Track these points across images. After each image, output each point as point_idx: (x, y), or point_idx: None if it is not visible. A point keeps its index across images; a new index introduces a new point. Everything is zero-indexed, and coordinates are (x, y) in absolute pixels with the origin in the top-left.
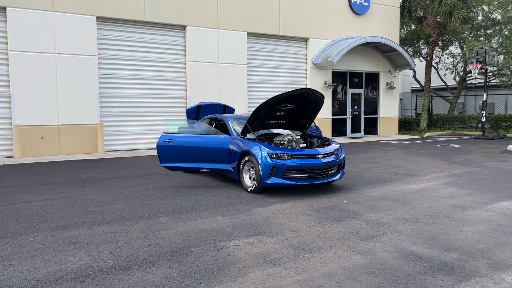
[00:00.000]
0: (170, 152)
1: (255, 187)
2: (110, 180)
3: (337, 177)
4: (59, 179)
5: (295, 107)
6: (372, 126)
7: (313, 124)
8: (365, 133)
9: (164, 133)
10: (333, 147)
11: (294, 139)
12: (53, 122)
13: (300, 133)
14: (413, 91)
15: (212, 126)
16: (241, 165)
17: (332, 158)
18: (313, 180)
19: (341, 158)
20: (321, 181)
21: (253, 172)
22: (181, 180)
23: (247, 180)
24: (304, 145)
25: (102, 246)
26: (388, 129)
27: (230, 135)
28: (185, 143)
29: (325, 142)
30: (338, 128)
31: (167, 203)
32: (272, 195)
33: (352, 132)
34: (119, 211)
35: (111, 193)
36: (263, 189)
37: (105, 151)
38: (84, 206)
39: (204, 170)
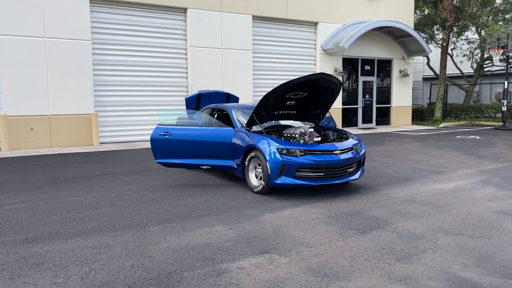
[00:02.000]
0: (165, 147)
1: (263, 187)
2: (100, 177)
3: (357, 175)
4: (43, 175)
5: (307, 95)
6: (383, 116)
7: (327, 115)
8: (377, 124)
9: (158, 125)
10: (351, 141)
11: (307, 132)
12: (43, 112)
13: (313, 125)
14: (425, 79)
15: (213, 117)
16: (246, 162)
17: (351, 154)
18: (330, 180)
19: (361, 154)
20: (339, 181)
21: (260, 170)
22: (179, 177)
23: (253, 179)
24: (319, 139)
25: (73, 268)
26: (401, 119)
27: (233, 127)
28: (183, 136)
29: (342, 136)
30: (348, 118)
31: (160, 207)
32: (282, 197)
33: (363, 122)
34: (103, 217)
35: (98, 194)
36: (272, 190)
37: (100, 143)
38: (64, 211)
39: (205, 167)
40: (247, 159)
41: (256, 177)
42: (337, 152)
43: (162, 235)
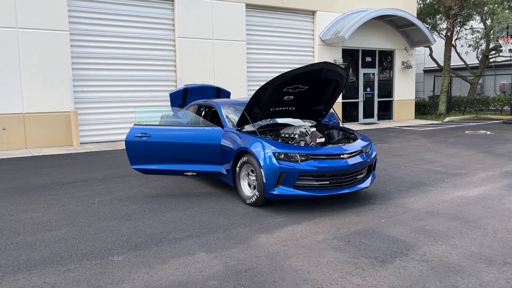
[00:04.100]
0: (143, 151)
1: (256, 198)
2: (70, 185)
3: (367, 183)
4: (5, 184)
5: (308, 89)
6: (385, 110)
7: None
8: (379, 118)
9: (135, 124)
10: (360, 142)
11: (308, 132)
12: (16, 110)
13: (314, 123)
14: (426, 71)
15: (200, 115)
16: (237, 168)
17: (360, 158)
18: (336, 190)
19: (372, 157)
20: (347, 191)
21: (254, 177)
22: (160, 185)
23: (246, 189)
24: (322, 140)
25: None
26: (403, 114)
27: (223, 127)
28: (163, 138)
29: (349, 136)
30: (348, 112)
31: (132, 226)
32: (280, 209)
33: (364, 117)
34: (59, 242)
35: (62, 208)
36: (267, 201)
37: (80, 144)
38: (13, 233)
39: (189, 174)
40: (238, 165)
41: (249, 186)
42: (345, 156)
43: (127, 269)
